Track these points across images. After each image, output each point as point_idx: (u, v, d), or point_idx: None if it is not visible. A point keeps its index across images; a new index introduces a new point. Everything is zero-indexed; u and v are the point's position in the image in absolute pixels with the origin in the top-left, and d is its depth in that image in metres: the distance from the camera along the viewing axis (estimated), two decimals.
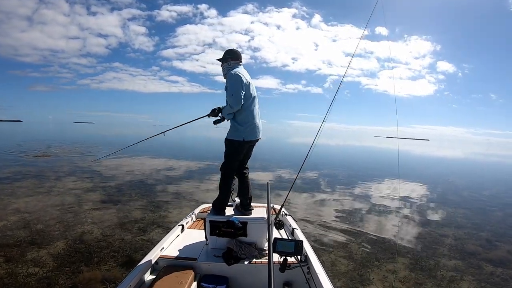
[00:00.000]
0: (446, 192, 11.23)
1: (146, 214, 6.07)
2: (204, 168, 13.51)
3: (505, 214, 8.18)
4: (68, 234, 4.83)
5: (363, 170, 16.36)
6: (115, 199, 7.25)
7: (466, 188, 12.34)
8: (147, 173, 11.41)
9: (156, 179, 10.35)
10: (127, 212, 6.16)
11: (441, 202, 9.22)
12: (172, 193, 8.20)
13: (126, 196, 7.60)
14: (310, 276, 2.35)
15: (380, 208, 7.89)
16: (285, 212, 3.72)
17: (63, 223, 5.36)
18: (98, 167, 12.16)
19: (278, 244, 1.86)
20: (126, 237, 4.82)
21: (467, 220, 7.22)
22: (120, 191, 8.13)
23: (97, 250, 4.27)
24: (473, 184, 13.86)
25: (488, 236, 6.09)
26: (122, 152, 16.19)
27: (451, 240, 5.73)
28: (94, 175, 10.45)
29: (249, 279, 2.58)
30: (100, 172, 11.27)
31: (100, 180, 9.62)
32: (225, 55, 2.95)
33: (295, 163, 17.06)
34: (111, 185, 8.87)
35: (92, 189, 8.20)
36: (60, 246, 4.34)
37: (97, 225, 5.31)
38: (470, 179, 15.86)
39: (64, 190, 7.94)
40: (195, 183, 9.74)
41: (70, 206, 6.43)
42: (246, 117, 2.84)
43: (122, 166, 13.06)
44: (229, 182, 2.96)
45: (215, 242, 2.83)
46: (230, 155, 2.90)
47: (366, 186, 11.24)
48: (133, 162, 14.22)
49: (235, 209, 3.03)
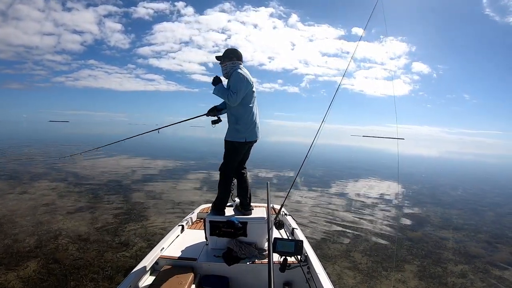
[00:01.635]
0: (435, 191, 11.24)
1: (127, 224, 5.47)
2: (186, 169, 12.96)
3: (497, 214, 8.20)
4: (40, 252, 4.19)
5: (345, 170, 16.31)
6: (91, 205, 6.57)
7: (453, 188, 12.46)
8: (126, 174, 10.74)
9: (134, 180, 9.75)
10: (105, 222, 5.54)
11: (433, 202, 9.15)
12: (154, 197, 7.60)
13: (104, 202, 6.94)
14: (310, 276, 2.35)
15: (373, 209, 7.68)
16: (285, 212, 3.68)
17: (34, 236, 4.71)
18: (74, 168, 11.37)
19: (278, 244, 1.86)
20: (106, 253, 4.23)
21: (463, 221, 7.15)
22: (96, 196, 7.42)
23: (74, 271, 3.68)
24: (458, 184, 14.04)
25: (487, 238, 6.00)
26: (99, 152, 15.47)
27: (452, 243, 5.57)
28: (69, 177, 9.68)
29: (249, 279, 2.59)
30: (76, 173, 10.50)
31: (76, 183, 8.86)
32: (229, 54, 2.92)
33: (276, 162, 17.10)
34: (87, 188, 8.16)
35: (67, 194, 7.46)
36: (31, 267, 3.73)
37: (72, 239, 4.68)
38: (454, 179, 16.14)
39: (35, 196, 7.15)
40: (180, 185, 9.18)
41: (42, 215, 5.74)
42: (247, 118, 2.87)
43: (99, 166, 12.35)
44: (229, 182, 2.96)
45: (215, 242, 2.83)
46: (230, 156, 2.90)
47: (351, 185, 11.14)
48: (110, 162, 13.54)
49: (235, 209, 3.03)
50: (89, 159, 13.86)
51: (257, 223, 2.82)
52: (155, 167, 12.99)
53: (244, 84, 2.77)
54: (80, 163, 12.62)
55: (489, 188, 13.12)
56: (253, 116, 2.91)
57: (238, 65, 2.92)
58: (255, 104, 2.94)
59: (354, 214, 7.09)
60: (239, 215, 2.89)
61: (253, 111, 2.91)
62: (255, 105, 2.94)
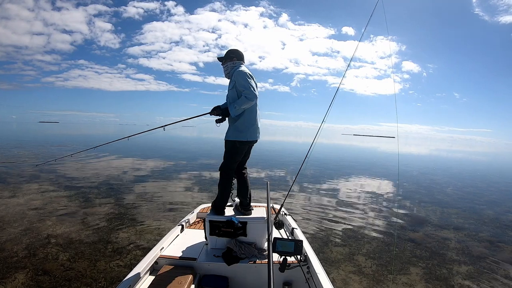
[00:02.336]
0: (431, 190, 11.25)
1: (120, 230, 5.20)
2: (177, 170, 12.69)
3: (495, 212, 8.19)
4: (29, 262, 3.92)
5: (340, 169, 16.26)
6: (82, 210, 6.28)
7: (447, 186, 12.50)
8: (117, 176, 10.44)
9: (126, 181, 9.47)
10: (96, 227, 5.29)
11: (430, 201, 9.12)
12: (146, 199, 7.35)
13: (95, 205, 6.67)
14: (310, 275, 2.33)
15: (371, 209, 7.60)
16: (285, 212, 3.67)
17: (22, 244, 4.44)
18: (64, 170, 10.99)
19: (278, 244, 1.87)
20: (98, 262, 3.99)
21: (463, 220, 7.10)
22: (87, 199, 7.13)
23: (65, 283, 3.45)
24: (451, 181, 14.10)
25: (488, 237, 5.95)
26: (89, 154, 15.05)
27: (455, 243, 5.50)
28: (59, 179, 9.33)
29: (249, 279, 2.58)
30: (66, 175, 10.14)
31: (66, 185, 8.54)
32: (229, 54, 2.94)
33: (265, 161, 16.98)
34: (78, 191, 7.85)
35: (56, 198, 7.12)
36: (19, 280, 3.49)
37: (62, 247, 4.42)
38: (448, 176, 16.21)
39: (24, 200, 6.82)
40: (171, 186, 8.93)
41: (30, 220, 5.45)
42: (249, 118, 2.84)
43: (89, 168, 12.03)
44: (229, 182, 2.94)
45: (215, 242, 2.83)
46: (231, 156, 2.87)
47: (346, 184, 11.09)
48: (101, 165, 13.12)
49: (234, 209, 3.02)
50: (80, 161, 13.50)
51: (257, 223, 2.81)
52: (146, 168, 12.72)
53: (248, 77, 2.74)
54: (70, 165, 12.26)
55: (485, 186, 13.22)
56: (254, 116, 2.89)
57: (239, 64, 2.91)
58: (256, 105, 2.91)
59: (350, 213, 6.99)
60: (239, 215, 2.89)
61: (254, 111, 2.88)
62: (256, 105, 2.90)
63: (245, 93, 2.69)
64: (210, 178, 10.63)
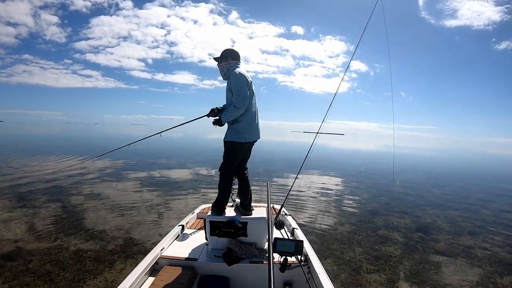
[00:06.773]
0: (417, 189, 11.15)
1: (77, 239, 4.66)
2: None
3: (493, 210, 8.27)
4: None
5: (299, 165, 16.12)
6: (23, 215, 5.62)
7: (429, 185, 12.40)
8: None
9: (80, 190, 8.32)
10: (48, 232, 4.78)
11: (428, 204, 8.91)
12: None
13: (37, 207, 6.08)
14: (311, 276, 2.34)
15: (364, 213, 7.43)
16: (285, 212, 3.73)
17: None
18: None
19: (278, 244, 1.87)
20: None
21: (470, 224, 6.87)
22: (25, 205, 6.30)
23: None
24: (431, 180, 13.96)
25: (504, 240, 5.86)
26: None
27: (479, 251, 5.24)
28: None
29: (249, 279, 2.59)
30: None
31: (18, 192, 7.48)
32: (224, 54, 2.91)
33: (212, 158, 16.75)
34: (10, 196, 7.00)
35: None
36: None
37: None
38: (425, 175, 16.03)
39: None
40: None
41: None
42: (248, 118, 2.83)
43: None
44: (229, 182, 2.94)
45: (215, 242, 2.83)
46: (230, 156, 2.87)
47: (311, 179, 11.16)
48: None
49: (235, 209, 3.03)
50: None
51: (257, 223, 2.82)
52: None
53: (243, 83, 2.74)
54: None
55: (464, 184, 13.46)
56: (253, 116, 2.88)
57: (235, 65, 2.87)
58: (254, 104, 2.90)
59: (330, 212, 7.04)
60: (239, 215, 2.90)
61: (252, 111, 2.86)
62: (254, 105, 2.89)
63: (234, 102, 2.69)
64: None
